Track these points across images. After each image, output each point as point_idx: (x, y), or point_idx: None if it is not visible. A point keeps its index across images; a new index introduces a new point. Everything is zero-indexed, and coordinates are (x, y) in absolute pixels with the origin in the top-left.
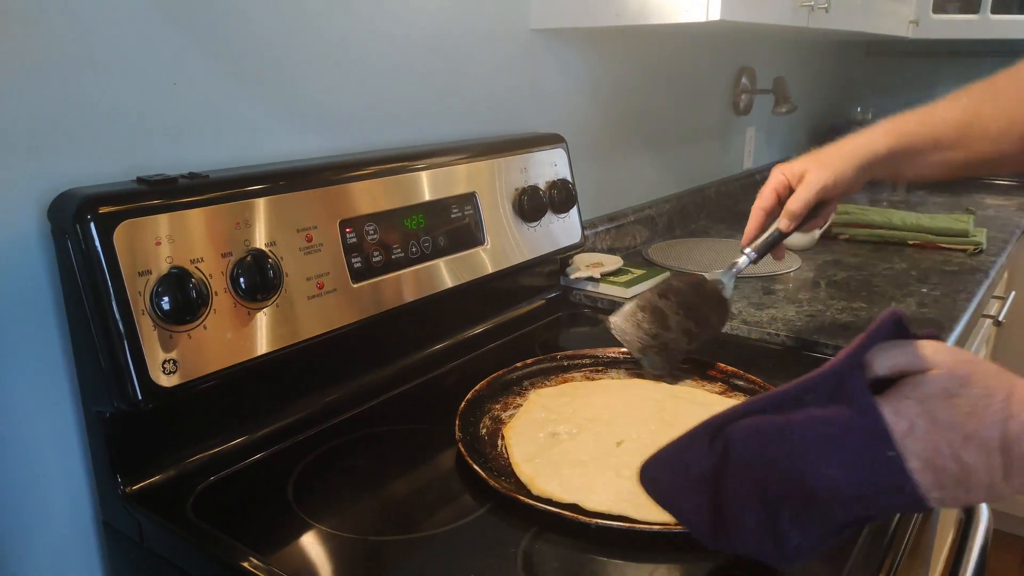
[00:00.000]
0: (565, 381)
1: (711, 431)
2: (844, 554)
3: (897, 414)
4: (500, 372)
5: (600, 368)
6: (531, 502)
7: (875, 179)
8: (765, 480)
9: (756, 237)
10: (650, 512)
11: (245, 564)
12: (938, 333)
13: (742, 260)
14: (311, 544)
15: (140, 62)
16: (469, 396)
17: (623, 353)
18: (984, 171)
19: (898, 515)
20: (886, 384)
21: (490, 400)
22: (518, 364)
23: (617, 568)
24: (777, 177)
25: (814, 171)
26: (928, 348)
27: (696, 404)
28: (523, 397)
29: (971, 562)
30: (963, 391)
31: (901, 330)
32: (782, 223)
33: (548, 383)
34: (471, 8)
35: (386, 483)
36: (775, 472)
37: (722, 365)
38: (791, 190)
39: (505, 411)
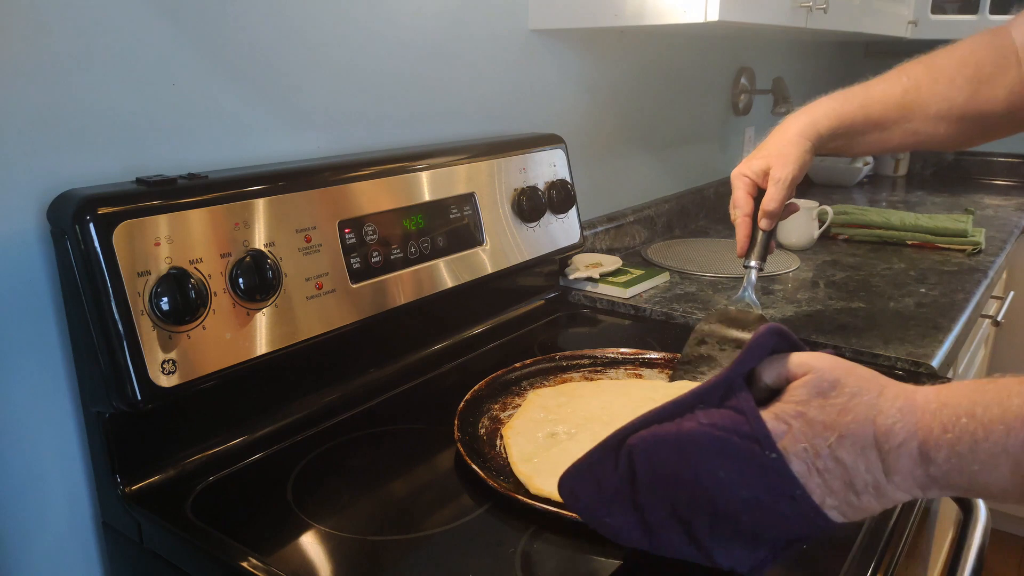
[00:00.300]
0: (563, 381)
1: (615, 445)
2: (841, 553)
3: (776, 418)
4: (499, 372)
5: (599, 368)
6: (529, 502)
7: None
8: (673, 495)
9: (750, 245)
10: None
11: (244, 564)
12: (806, 348)
13: (752, 275)
14: (310, 544)
15: (139, 63)
16: (468, 396)
17: (621, 353)
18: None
19: (815, 537)
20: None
21: (489, 400)
22: (517, 364)
23: (614, 567)
24: (744, 181)
25: (778, 167)
26: (804, 356)
27: None
28: (522, 397)
29: (969, 561)
30: (835, 391)
31: (790, 343)
32: (763, 224)
33: (547, 383)
34: (470, 9)
35: (385, 483)
36: (678, 484)
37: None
38: (759, 189)
39: (504, 411)
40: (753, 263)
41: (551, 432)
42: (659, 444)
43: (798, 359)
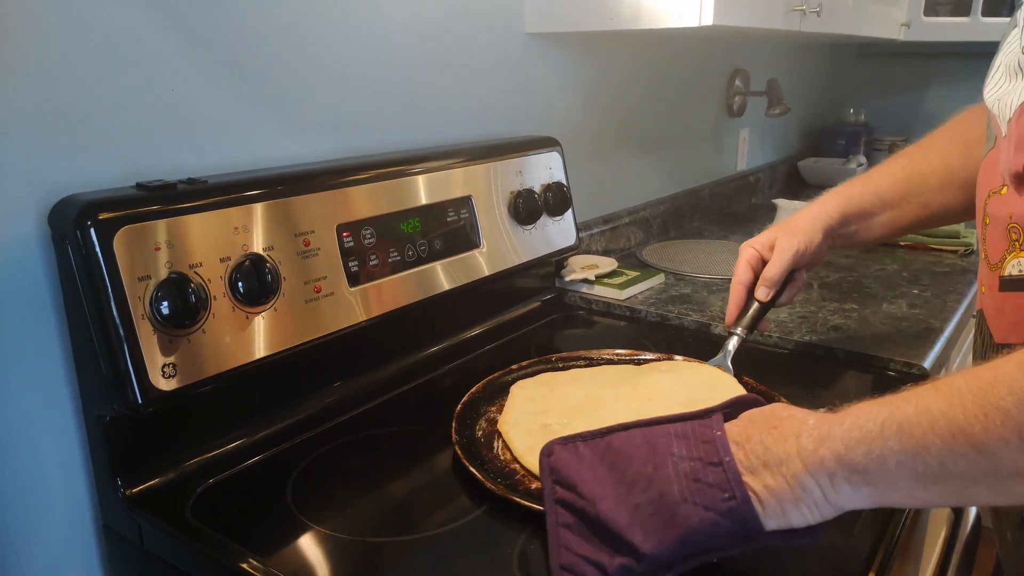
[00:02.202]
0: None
1: (600, 433)
2: (838, 552)
3: (727, 421)
4: (496, 375)
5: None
6: (527, 503)
7: (833, 247)
8: (628, 461)
9: (739, 314)
10: None
11: (244, 566)
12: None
13: (733, 341)
14: (309, 545)
15: (139, 68)
16: (465, 399)
17: (617, 355)
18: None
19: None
20: None
21: (486, 402)
22: (513, 366)
23: None
24: (748, 252)
25: (784, 239)
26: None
27: (663, 372)
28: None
29: (955, 559)
30: (777, 414)
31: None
32: (760, 292)
33: None
34: (466, 13)
35: (384, 485)
36: (634, 452)
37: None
38: (763, 262)
39: (500, 413)
40: (738, 331)
41: (544, 424)
42: (637, 428)
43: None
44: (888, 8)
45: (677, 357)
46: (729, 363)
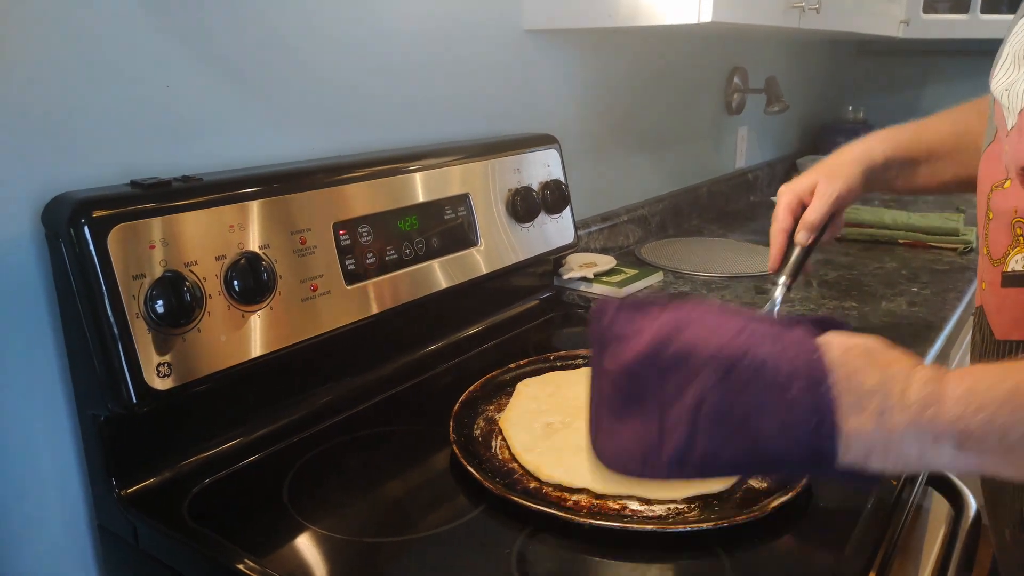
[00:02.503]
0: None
1: (670, 298)
2: (835, 552)
3: (827, 345)
4: (494, 373)
5: None
6: (525, 502)
7: (870, 190)
8: (695, 345)
9: (782, 261)
10: (657, 491)
11: (240, 566)
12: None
13: (779, 290)
14: (306, 546)
15: (133, 65)
16: (463, 397)
17: None
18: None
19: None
20: None
21: (484, 401)
22: (511, 365)
23: (610, 568)
24: (787, 196)
25: (825, 182)
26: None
27: None
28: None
29: (955, 557)
30: (884, 347)
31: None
32: (800, 236)
33: None
34: (464, 10)
35: (381, 485)
36: (709, 336)
37: None
38: (804, 206)
39: (499, 412)
40: (782, 279)
41: (547, 422)
42: (710, 308)
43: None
44: (887, 5)
45: None
46: (776, 313)
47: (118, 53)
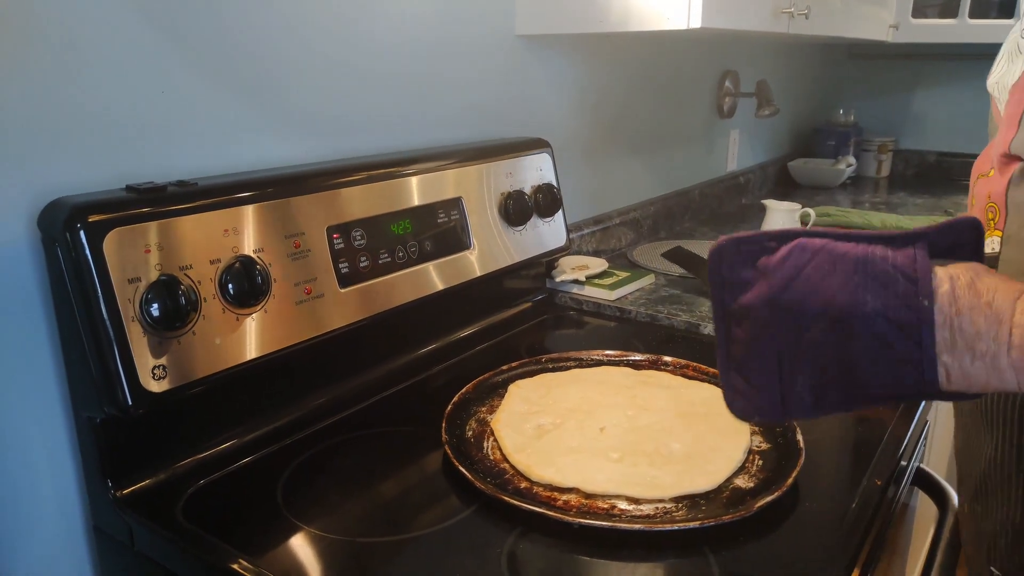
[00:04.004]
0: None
1: (781, 236)
2: (820, 552)
3: (945, 272)
4: (486, 375)
5: (585, 370)
6: (516, 502)
7: None
8: (806, 303)
9: None
10: (646, 491)
11: (235, 566)
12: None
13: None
14: (300, 546)
15: (128, 71)
16: (455, 399)
17: (607, 355)
18: None
19: (909, 387)
20: None
21: (476, 403)
22: (503, 367)
23: (599, 567)
24: None
25: None
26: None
27: (663, 387)
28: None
29: (940, 550)
30: (989, 274)
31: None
32: None
33: None
34: (457, 15)
35: (374, 485)
36: (820, 286)
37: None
38: None
39: (491, 413)
40: None
41: (538, 424)
42: (825, 249)
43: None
44: (877, 10)
45: (666, 358)
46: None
47: (113, 59)
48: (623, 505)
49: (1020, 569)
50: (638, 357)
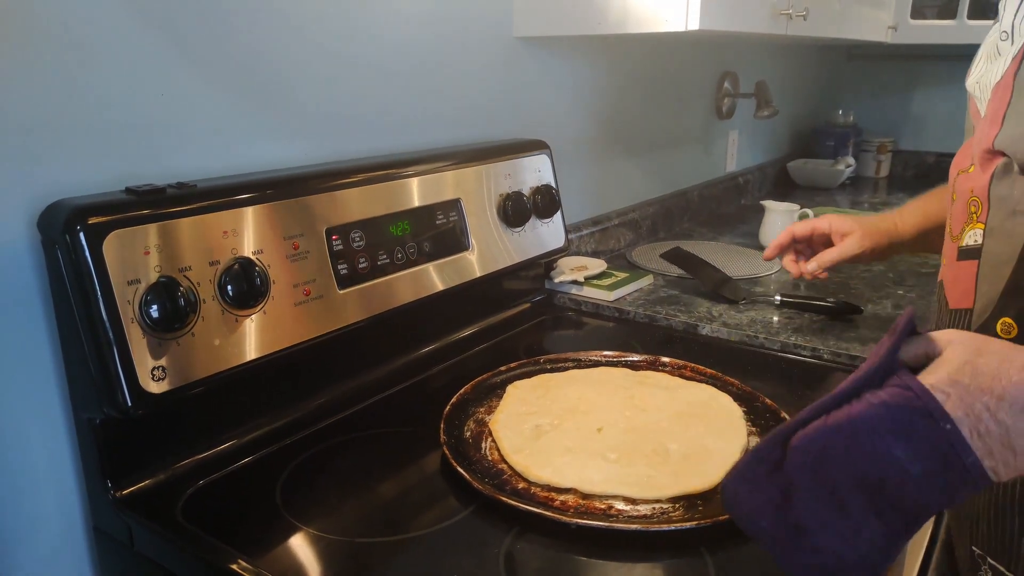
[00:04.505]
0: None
1: (777, 444)
2: None
3: (934, 389)
4: (484, 376)
5: (583, 371)
6: (514, 502)
7: (893, 254)
8: (835, 476)
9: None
10: (643, 491)
11: (234, 567)
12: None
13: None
14: (299, 546)
15: (128, 74)
16: (454, 400)
17: (605, 356)
18: None
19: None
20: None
21: (474, 403)
22: (502, 368)
23: (597, 567)
24: (823, 224)
25: (860, 237)
26: (943, 333)
27: (661, 388)
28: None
29: (936, 550)
30: (982, 358)
31: (915, 327)
32: (810, 266)
33: None
34: (455, 17)
35: (372, 486)
36: (844, 463)
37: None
38: (825, 239)
39: (489, 414)
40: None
41: (536, 424)
42: (830, 432)
43: (937, 336)
44: (875, 11)
45: (664, 358)
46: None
47: (113, 61)
48: (620, 505)
49: (1002, 549)
50: (636, 358)
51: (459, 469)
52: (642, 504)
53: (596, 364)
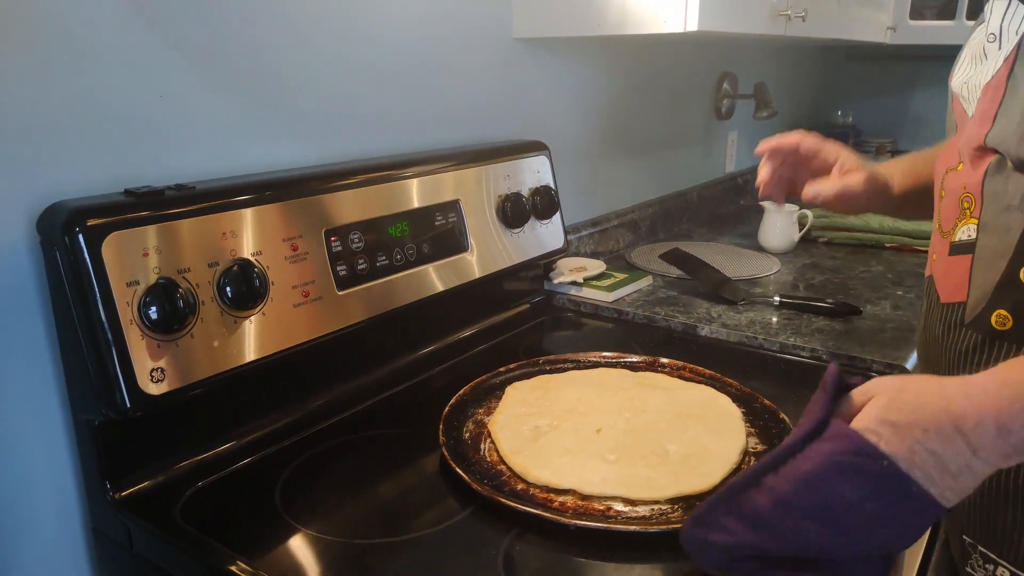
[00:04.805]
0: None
1: (734, 495)
2: None
3: (867, 432)
4: (483, 377)
5: (582, 372)
6: (512, 503)
7: (870, 208)
8: (802, 529)
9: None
10: (642, 492)
11: (233, 568)
12: (862, 380)
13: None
14: (297, 547)
15: (128, 75)
16: (453, 401)
17: (604, 357)
18: None
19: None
20: None
21: (473, 405)
22: (501, 369)
23: (595, 568)
24: (831, 150)
25: (864, 176)
26: (863, 386)
27: (660, 389)
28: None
29: (936, 552)
30: (902, 396)
31: (842, 379)
32: (808, 194)
33: None
34: (455, 18)
35: (371, 487)
36: (808, 518)
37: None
38: (822, 168)
39: (488, 415)
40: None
41: (535, 426)
42: (783, 486)
43: (859, 390)
44: (874, 12)
45: (663, 359)
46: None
47: (112, 64)
48: (619, 507)
49: (992, 537)
50: (635, 359)
51: (458, 470)
52: (641, 505)
53: (595, 365)
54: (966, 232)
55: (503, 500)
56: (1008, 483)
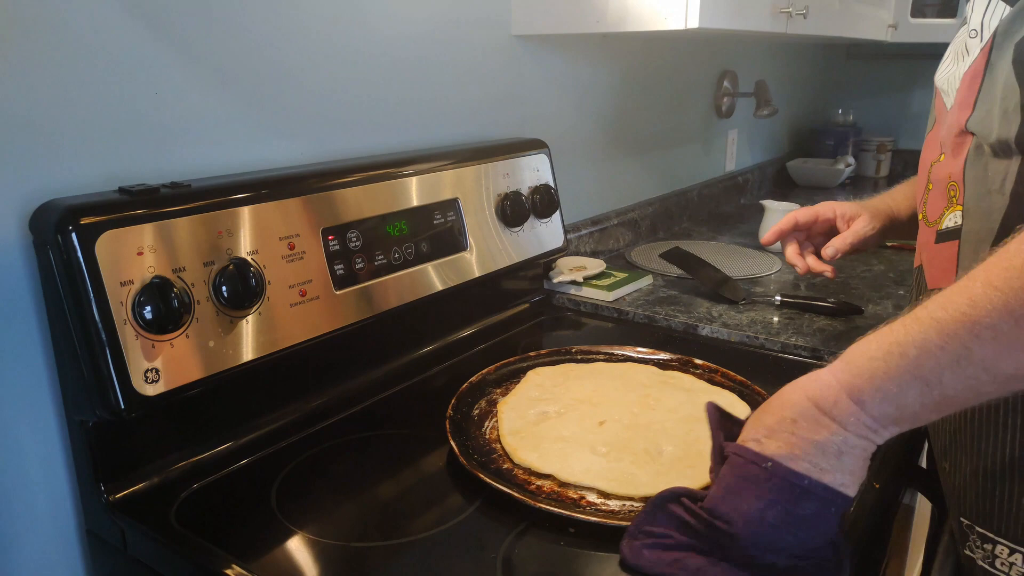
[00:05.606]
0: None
1: (660, 505)
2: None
3: (747, 442)
4: (511, 359)
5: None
6: (489, 480)
7: (898, 236)
8: (726, 537)
9: (775, 241)
10: (619, 487)
11: (228, 572)
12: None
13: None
14: (294, 550)
15: (122, 71)
16: (473, 379)
17: (637, 352)
18: None
19: (840, 522)
20: None
21: (493, 385)
22: (531, 353)
23: (595, 569)
24: (826, 211)
25: (869, 218)
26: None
27: (681, 390)
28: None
29: (939, 553)
30: (770, 402)
31: (725, 413)
32: (828, 251)
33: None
34: (453, 16)
35: (369, 489)
36: (732, 536)
37: (705, 363)
38: (828, 227)
39: (504, 396)
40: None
41: (542, 411)
42: (709, 508)
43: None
44: (875, 10)
45: (697, 360)
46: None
47: (106, 60)
48: (592, 497)
49: (988, 515)
50: (667, 356)
51: (451, 442)
52: (614, 499)
53: (626, 359)
54: (952, 219)
55: (481, 475)
56: (999, 459)
